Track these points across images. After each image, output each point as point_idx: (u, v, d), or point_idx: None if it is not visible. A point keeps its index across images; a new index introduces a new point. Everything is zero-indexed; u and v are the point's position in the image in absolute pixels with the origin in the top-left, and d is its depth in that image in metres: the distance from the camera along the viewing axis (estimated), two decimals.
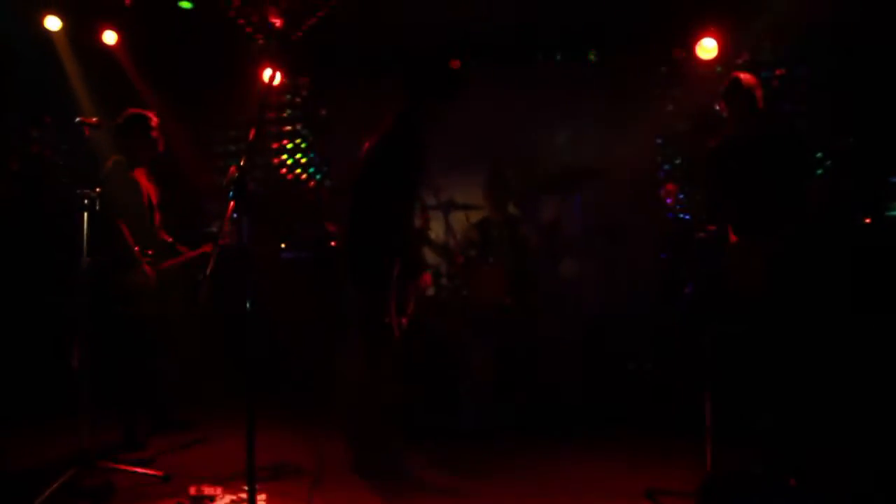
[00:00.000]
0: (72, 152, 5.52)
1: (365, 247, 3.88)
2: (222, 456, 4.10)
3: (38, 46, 5.39)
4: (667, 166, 6.51)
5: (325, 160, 7.15)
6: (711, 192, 4.16)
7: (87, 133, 3.77)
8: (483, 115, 6.23)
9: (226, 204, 2.82)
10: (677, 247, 5.99)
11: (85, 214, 3.62)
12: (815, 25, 5.43)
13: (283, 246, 6.40)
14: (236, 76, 6.47)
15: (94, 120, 3.81)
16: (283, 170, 7.20)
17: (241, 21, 5.92)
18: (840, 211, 4.46)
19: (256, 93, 6.54)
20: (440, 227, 5.35)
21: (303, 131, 7.23)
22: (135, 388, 4.44)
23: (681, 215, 6.32)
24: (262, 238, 6.51)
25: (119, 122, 4.56)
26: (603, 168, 5.67)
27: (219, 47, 6.39)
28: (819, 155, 5.36)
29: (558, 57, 6.66)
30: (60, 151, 5.58)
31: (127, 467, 3.75)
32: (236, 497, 3.40)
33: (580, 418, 4.76)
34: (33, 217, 5.25)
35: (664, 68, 6.47)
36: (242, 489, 2.79)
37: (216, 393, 4.83)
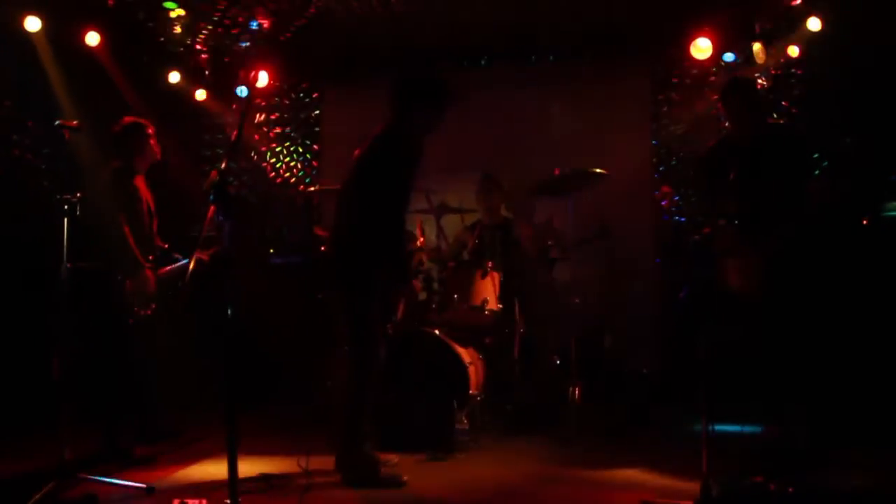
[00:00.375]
0: (53, 156, 5.42)
1: (351, 252, 3.85)
2: (208, 467, 4.02)
3: (17, 47, 5.27)
4: (662, 168, 6.45)
5: (312, 164, 7.08)
6: (708, 193, 4.13)
7: (66, 136, 3.72)
8: (476, 117, 6.19)
9: (206, 208, 2.75)
10: (673, 249, 5.97)
11: (65, 220, 3.54)
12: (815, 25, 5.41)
13: (271, 251, 6.38)
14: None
15: (74, 123, 3.77)
16: (272, 174, 7.13)
17: (227, 21, 5.83)
18: (839, 211, 4.42)
19: (238, 96, 6.53)
20: (432, 232, 5.29)
21: (293, 134, 7.15)
22: (119, 395, 4.38)
23: (676, 217, 6.29)
24: (251, 243, 6.46)
25: (116, 130, 4.56)
26: (597, 170, 5.61)
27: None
28: (815, 155, 5.34)
29: (551, 58, 6.62)
30: (41, 155, 5.47)
31: (109, 479, 3.65)
32: None
33: (577, 424, 4.66)
34: (14, 222, 5.15)
35: (659, 69, 6.42)
36: (226, 502, 2.74)
37: (204, 401, 4.74)
